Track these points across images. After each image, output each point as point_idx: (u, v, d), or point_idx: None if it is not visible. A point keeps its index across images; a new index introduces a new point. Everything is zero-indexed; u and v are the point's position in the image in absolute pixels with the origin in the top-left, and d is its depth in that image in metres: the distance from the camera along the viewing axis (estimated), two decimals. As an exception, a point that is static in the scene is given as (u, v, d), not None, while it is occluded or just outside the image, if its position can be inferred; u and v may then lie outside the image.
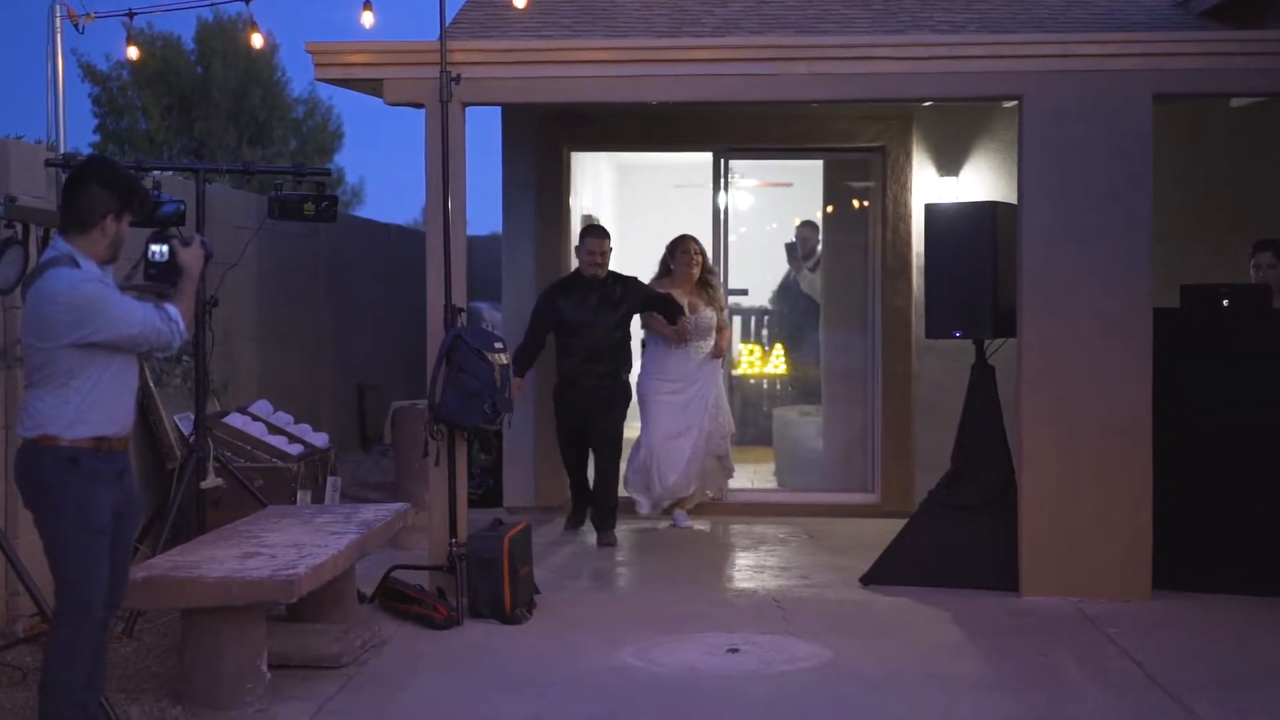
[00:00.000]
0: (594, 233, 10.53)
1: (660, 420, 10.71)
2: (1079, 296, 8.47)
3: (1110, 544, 8.48)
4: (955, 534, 8.92)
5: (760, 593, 8.84)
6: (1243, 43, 8.50)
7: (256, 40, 10.90)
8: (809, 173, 14.52)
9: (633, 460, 10.75)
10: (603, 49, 8.78)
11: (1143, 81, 8.40)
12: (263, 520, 7.76)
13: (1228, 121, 10.98)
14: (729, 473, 11.30)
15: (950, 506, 9.02)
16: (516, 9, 10.16)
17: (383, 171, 75.55)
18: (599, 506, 10.49)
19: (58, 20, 9.10)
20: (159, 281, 5.87)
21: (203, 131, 34.20)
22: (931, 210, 9.23)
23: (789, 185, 16.21)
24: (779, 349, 14.45)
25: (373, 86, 9.02)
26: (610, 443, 10.56)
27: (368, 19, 9.56)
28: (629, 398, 10.70)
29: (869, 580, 9.01)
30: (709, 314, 10.82)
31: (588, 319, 10.30)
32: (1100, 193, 8.44)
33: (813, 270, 13.65)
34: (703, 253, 10.88)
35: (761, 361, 14.44)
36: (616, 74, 8.60)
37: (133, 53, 10.97)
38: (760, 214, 15.87)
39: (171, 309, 5.72)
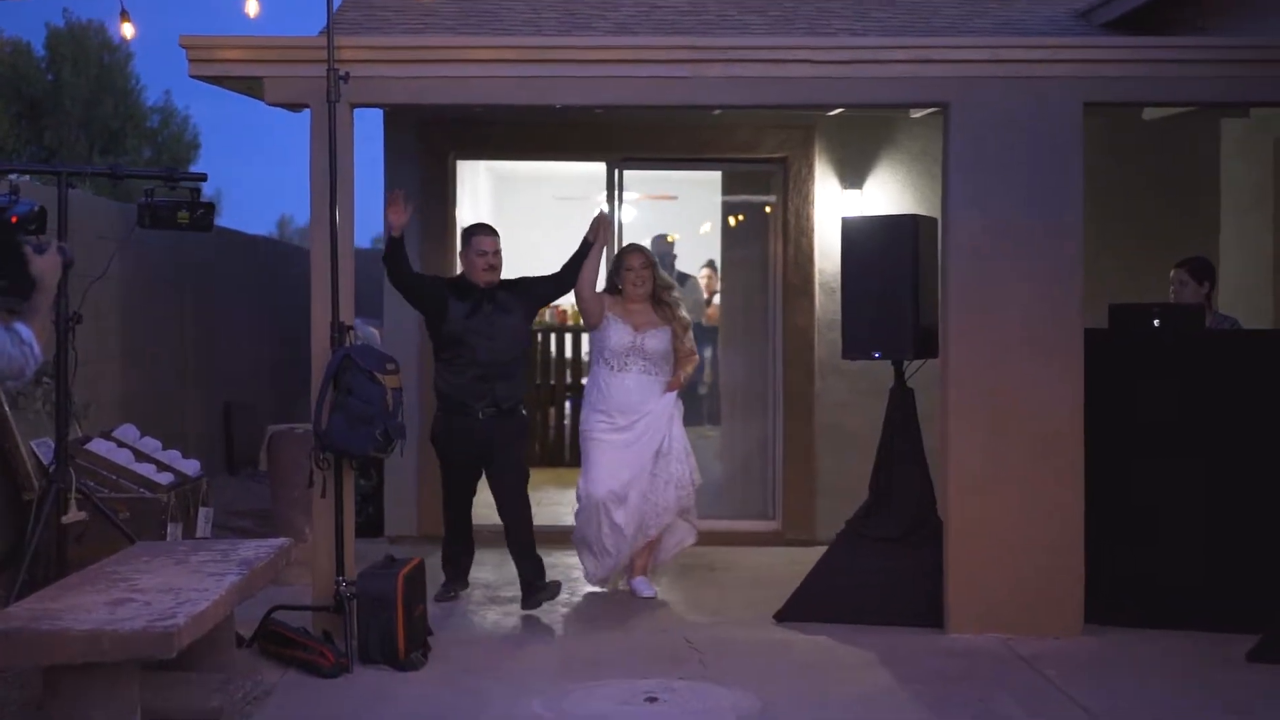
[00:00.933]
0: (484, 230, 8.94)
1: (600, 465, 8.98)
2: (1007, 314, 8.01)
3: (1041, 577, 8.03)
4: (874, 567, 8.42)
5: (670, 632, 8.26)
6: (1179, 49, 8.09)
7: (127, 30, 10.13)
8: (696, 185, 14.07)
9: (578, 515, 9.14)
10: (506, 48, 8.16)
11: (1074, 88, 7.97)
12: (132, 559, 7.05)
13: (1139, 134, 10.67)
14: (691, 530, 9.55)
15: (868, 538, 8.53)
16: (393, 11, 9.53)
17: (239, 182, 74.08)
18: (524, 564, 8.88)
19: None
20: (8, 296, 5.09)
21: (53, 140, 33.19)
22: (848, 224, 8.73)
23: (673, 199, 15.74)
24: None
25: (251, 85, 8.34)
26: (519, 485, 8.91)
27: (253, 7, 8.81)
28: (527, 433, 9.22)
29: (784, 617, 8.48)
30: (663, 334, 9.14)
31: (481, 328, 8.70)
32: (1030, 205, 7.99)
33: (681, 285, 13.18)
34: (653, 264, 9.24)
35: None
36: (519, 74, 7.98)
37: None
38: (647, 228, 15.32)
39: (24, 330, 4.93)
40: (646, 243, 11.16)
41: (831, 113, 10.23)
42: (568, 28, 10.89)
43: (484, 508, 9.22)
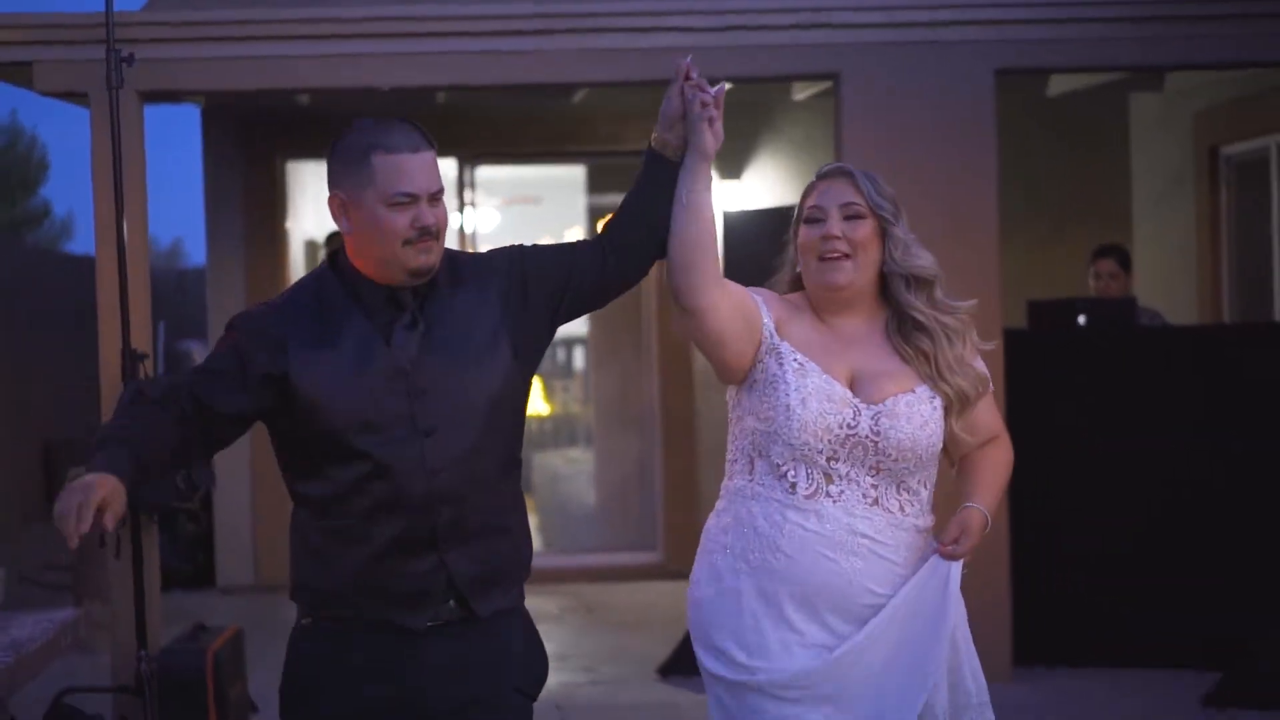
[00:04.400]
0: (402, 130, 3.17)
1: None
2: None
3: (962, 615, 6.97)
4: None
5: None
6: (1100, 6, 7.06)
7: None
8: (559, 187, 13.03)
9: None
10: (323, 20, 6.91)
11: (984, 54, 6.93)
12: (-128, 647, 5.79)
13: (1042, 113, 9.70)
14: None
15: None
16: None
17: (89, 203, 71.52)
18: None
19: None
20: None
21: (-118, 163, 31.72)
22: (731, 218, 7.68)
23: (535, 201, 14.68)
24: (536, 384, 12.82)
25: (26, 74, 7.11)
26: None
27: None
28: (545, 666, 3.41)
29: (668, 670, 7.38)
30: (921, 399, 3.38)
31: (400, 403, 3.13)
32: (936, 190, 6.94)
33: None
34: (884, 212, 3.45)
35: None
36: (340, 51, 6.76)
37: None
38: (513, 236, 14.21)
39: None
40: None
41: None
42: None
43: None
